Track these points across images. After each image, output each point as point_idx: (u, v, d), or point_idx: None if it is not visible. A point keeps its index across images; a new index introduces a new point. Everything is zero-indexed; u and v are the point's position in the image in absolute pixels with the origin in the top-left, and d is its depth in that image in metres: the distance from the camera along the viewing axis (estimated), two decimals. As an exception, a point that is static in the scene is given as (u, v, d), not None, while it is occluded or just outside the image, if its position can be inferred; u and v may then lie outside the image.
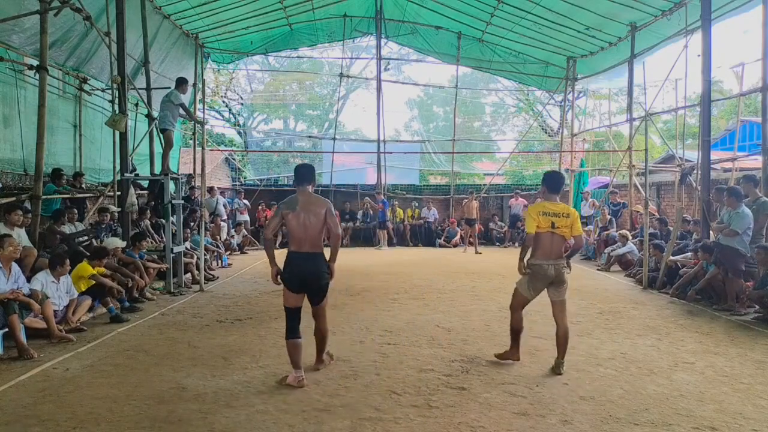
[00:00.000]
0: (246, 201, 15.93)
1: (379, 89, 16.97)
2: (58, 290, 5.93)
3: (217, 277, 9.77)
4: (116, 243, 7.62)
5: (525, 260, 4.64)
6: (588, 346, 5.34)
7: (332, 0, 14.82)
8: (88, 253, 7.02)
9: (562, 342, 4.56)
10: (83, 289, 6.45)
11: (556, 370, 4.52)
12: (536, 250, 4.59)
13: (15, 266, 5.56)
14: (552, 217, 4.50)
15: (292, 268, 4.30)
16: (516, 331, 4.75)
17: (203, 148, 11.58)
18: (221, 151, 18.88)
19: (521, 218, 16.58)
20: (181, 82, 9.07)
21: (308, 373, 4.49)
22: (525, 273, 4.63)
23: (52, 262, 5.97)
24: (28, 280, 5.73)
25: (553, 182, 4.68)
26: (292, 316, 4.34)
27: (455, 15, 15.09)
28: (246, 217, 15.59)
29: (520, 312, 4.74)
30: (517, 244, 15.96)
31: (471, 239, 14.74)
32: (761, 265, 6.62)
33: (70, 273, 6.30)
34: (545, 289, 4.63)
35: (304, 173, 4.47)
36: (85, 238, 7.99)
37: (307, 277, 4.29)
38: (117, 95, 8.60)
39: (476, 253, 14.09)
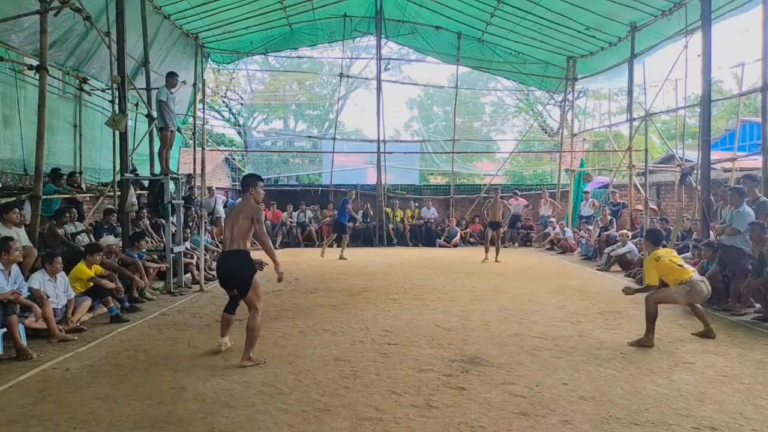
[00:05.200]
0: None
1: (379, 89, 16.96)
2: (55, 289, 5.93)
3: (217, 277, 9.76)
4: (109, 241, 7.65)
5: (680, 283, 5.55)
6: (588, 346, 5.35)
7: (332, 0, 14.83)
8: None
9: (702, 316, 5.79)
10: (81, 291, 6.44)
11: (709, 334, 5.66)
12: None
13: (15, 267, 5.56)
14: (671, 256, 5.75)
15: (219, 266, 4.93)
16: (653, 319, 5.46)
17: (203, 148, 11.60)
18: (221, 151, 18.88)
19: (521, 218, 16.63)
20: (167, 77, 8.84)
21: (308, 373, 4.50)
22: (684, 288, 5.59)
23: (42, 261, 6.01)
24: (26, 280, 5.73)
25: (655, 238, 6.05)
26: (230, 300, 5.11)
27: (455, 15, 15.09)
28: None
29: (657, 306, 5.53)
30: (516, 244, 16.01)
31: (494, 244, 12.22)
32: (756, 243, 6.70)
33: (68, 274, 6.31)
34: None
35: (243, 182, 5.08)
36: (85, 236, 7.99)
37: (226, 273, 4.83)
38: (117, 95, 8.58)
39: (496, 261, 11.96)
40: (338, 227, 13.23)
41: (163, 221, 9.25)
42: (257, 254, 5.04)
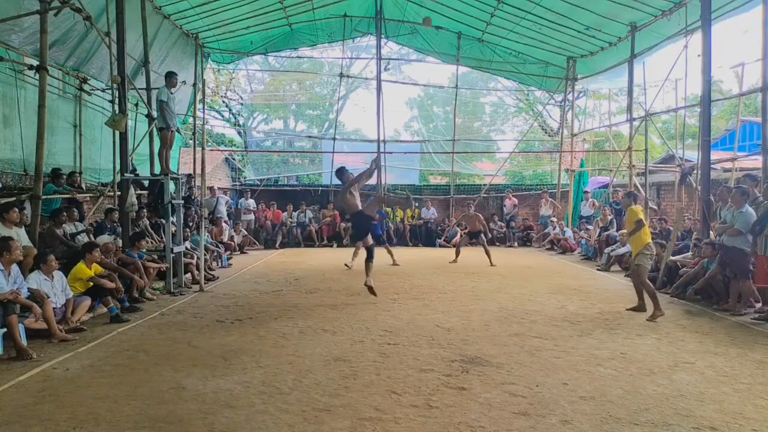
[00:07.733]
0: (252, 200, 16.00)
1: (379, 89, 16.94)
2: (53, 288, 5.94)
3: (217, 277, 9.77)
4: (104, 239, 7.69)
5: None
6: (588, 346, 5.35)
7: (332, 0, 14.83)
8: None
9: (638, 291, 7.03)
10: (81, 291, 6.44)
11: (641, 308, 6.88)
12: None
13: (14, 267, 5.56)
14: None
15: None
16: (654, 294, 6.56)
17: (203, 148, 11.61)
18: (221, 151, 18.88)
19: (515, 218, 16.64)
20: (167, 76, 8.79)
21: (308, 373, 4.50)
22: (646, 254, 6.76)
23: (35, 261, 6.02)
24: (25, 280, 5.73)
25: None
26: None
27: (455, 15, 15.10)
28: (251, 217, 15.68)
29: (647, 280, 6.76)
30: (516, 244, 15.99)
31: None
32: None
33: (68, 274, 6.30)
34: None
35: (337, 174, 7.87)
36: (85, 236, 8.00)
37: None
38: (117, 95, 8.58)
39: (491, 264, 11.70)
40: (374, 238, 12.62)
41: (163, 221, 9.25)
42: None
